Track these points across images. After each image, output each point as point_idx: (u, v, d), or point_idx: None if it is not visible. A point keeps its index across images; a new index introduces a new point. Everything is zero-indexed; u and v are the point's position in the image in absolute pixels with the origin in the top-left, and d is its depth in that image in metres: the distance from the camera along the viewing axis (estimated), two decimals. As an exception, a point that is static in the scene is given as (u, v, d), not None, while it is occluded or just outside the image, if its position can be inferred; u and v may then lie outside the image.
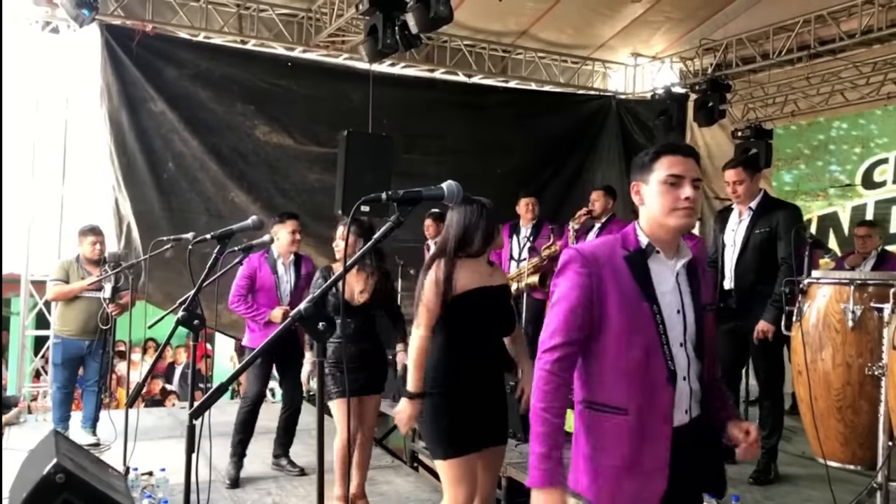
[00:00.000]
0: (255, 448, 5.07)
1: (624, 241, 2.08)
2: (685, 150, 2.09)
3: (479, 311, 2.93)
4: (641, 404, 1.99)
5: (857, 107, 7.85)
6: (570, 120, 9.36)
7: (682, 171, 2.03)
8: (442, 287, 2.90)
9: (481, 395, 2.92)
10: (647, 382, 1.99)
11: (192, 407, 1.85)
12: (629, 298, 2.00)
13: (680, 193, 2.01)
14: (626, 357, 1.99)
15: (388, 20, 6.23)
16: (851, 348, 3.26)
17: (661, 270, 2.06)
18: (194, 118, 7.39)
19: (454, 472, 2.85)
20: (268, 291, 4.90)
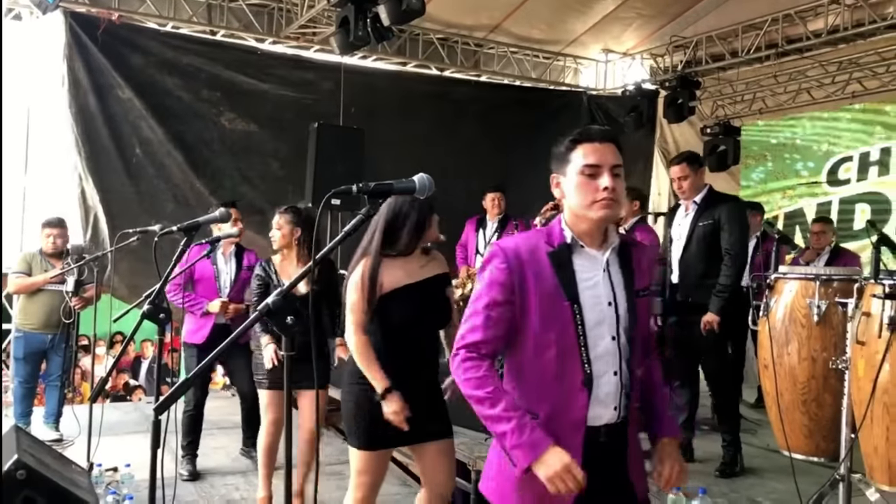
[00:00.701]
0: (222, 441, 5.03)
1: (549, 235, 1.98)
2: (601, 136, 1.96)
3: (407, 309, 2.86)
4: (553, 409, 1.90)
5: (823, 105, 7.98)
6: (541, 115, 9.37)
7: (599, 159, 1.91)
8: (367, 288, 2.83)
9: (413, 392, 2.85)
10: (560, 385, 1.90)
11: (157, 402, 1.82)
12: (548, 296, 1.90)
13: (598, 184, 1.90)
14: (541, 357, 1.91)
15: (359, 12, 6.18)
16: (816, 343, 3.31)
17: (588, 264, 1.96)
18: (160, 105, 7.29)
19: (362, 462, 2.90)
20: (206, 282, 4.81)
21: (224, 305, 4.68)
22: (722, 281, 4.19)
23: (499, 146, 8.99)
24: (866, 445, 3.02)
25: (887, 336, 2.87)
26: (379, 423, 2.83)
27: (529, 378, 1.94)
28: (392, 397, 2.79)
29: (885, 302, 2.88)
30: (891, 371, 2.88)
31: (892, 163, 7.20)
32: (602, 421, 1.94)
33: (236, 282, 4.88)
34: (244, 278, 4.87)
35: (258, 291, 4.00)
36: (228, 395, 6.77)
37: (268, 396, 4.03)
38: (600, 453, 1.93)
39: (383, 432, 2.85)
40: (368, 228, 2.93)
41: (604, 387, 1.93)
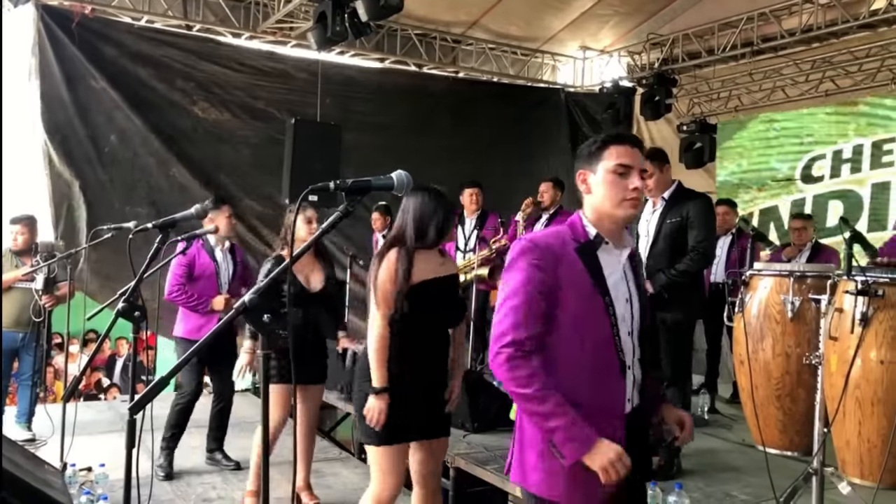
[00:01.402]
0: (198, 440, 4.98)
1: (573, 231, 2.05)
2: (633, 141, 2.07)
3: (432, 302, 2.89)
4: (595, 398, 1.97)
5: (797, 103, 8.06)
6: (519, 111, 9.40)
7: (631, 161, 2.01)
8: (400, 277, 2.84)
9: (425, 387, 2.90)
10: (600, 375, 1.98)
11: (132, 400, 1.80)
12: (583, 291, 1.97)
13: (628, 184, 1.99)
14: (580, 350, 1.97)
15: (337, 7, 6.15)
16: (790, 338, 3.35)
17: (610, 261, 2.04)
18: (135, 95, 7.29)
19: (384, 459, 2.86)
20: (208, 279, 4.76)
21: (227, 301, 4.65)
22: (680, 267, 4.11)
23: (477, 142, 9.01)
24: (839, 439, 3.07)
25: (859, 331, 2.92)
26: (396, 417, 2.84)
27: (567, 369, 1.98)
28: (383, 397, 2.80)
29: (857, 298, 2.93)
30: (862, 366, 2.93)
31: (863, 160, 7.30)
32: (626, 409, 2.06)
33: (234, 277, 4.86)
34: (240, 274, 4.85)
35: None
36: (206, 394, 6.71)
37: (274, 392, 3.98)
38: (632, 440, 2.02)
39: (401, 425, 2.86)
40: (397, 221, 2.98)
41: (628, 380, 2.04)
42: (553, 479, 2.00)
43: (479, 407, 4.86)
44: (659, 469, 4.16)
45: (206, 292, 4.74)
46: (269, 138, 7.81)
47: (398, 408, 2.83)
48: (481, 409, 4.85)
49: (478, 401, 4.84)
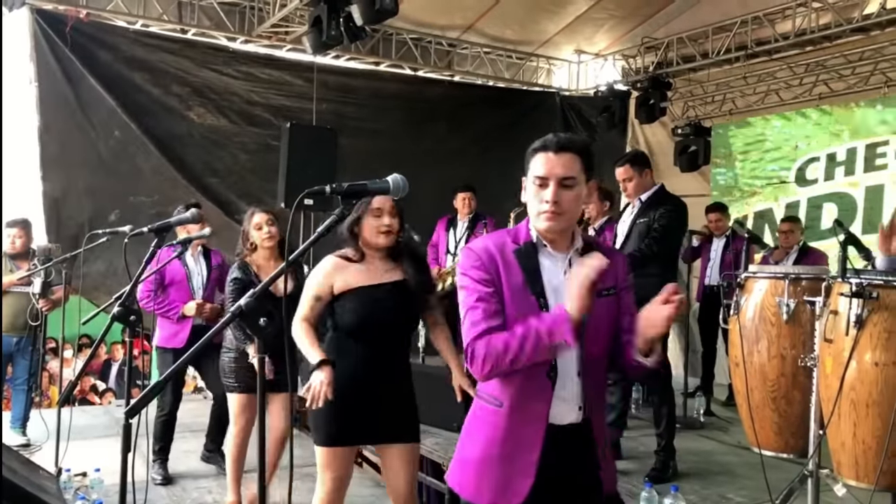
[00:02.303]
0: (193, 444, 4.97)
1: (515, 235, 2.04)
2: (557, 146, 1.96)
3: (364, 310, 2.86)
4: (518, 398, 1.96)
5: (791, 106, 8.08)
6: (515, 115, 9.41)
7: (547, 171, 1.94)
8: (319, 285, 2.89)
9: (371, 393, 2.86)
10: (525, 376, 1.94)
11: (128, 405, 1.80)
12: (517, 291, 1.96)
13: (543, 195, 1.94)
14: None
15: (332, 11, 6.16)
16: (786, 340, 3.36)
17: (552, 264, 2.00)
18: (130, 100, 7.27)
19: (325, 459, 2.93)
20: (179, 285, 4.73)
21: (200, 306, 4.62)
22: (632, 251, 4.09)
23: (472, 146, 9.02)
24: (834, 441, 3.07)
25: (854, 333, 2.92)
26: (340, 420, 2.85)
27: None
28: (324, 368, 2.75)
29: (851, 300, 2.93)
30: (857, 368, 2.94)
31: (857, 163, 7.32)
32: (566, 420, 1.98)
33: (208, 282, 4.82)
34: (214, 278, 4.81)
35: (234, 295, 3.91)
36: (200, 398, 6.70)
37: (238, 400, 3.98)
38: (564, 451, 1.97)
39: (345, 429, 2.88)
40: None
41: (568, 386, 1.97)
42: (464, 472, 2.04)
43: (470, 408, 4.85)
44: (653, 472, 4.17)
45: (178, 298, 4.71)
46: (265, 144, 7.80)
47: (337, 413, 2.82)
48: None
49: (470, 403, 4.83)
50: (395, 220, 2.91)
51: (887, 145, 7.06)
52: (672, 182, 8.45)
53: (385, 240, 2.89)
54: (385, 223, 2.88)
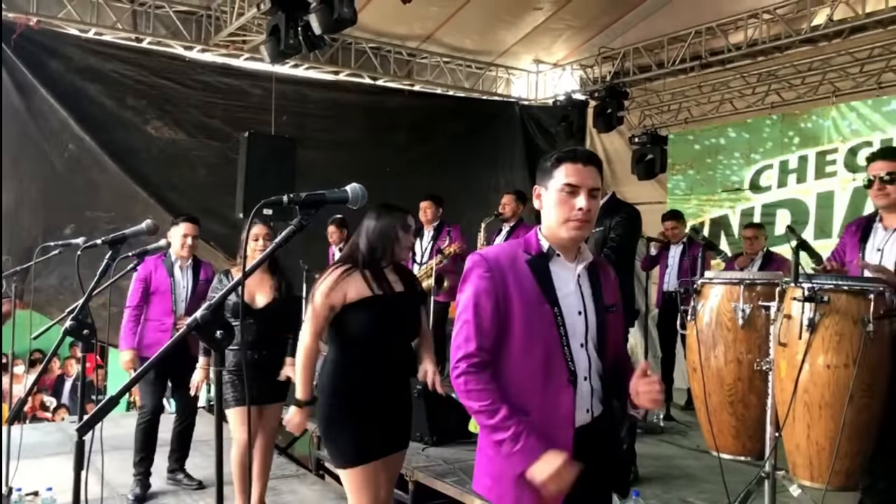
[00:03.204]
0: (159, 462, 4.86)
1: (526, 245, 2.08)
2: (585, 158, 2.05)
3: (373, 320, 2.87)
4: (543, 406, 2.00)
5: (744, 115, 8.27)
6: (475, 124, 9.46)
7: (579, 180, 2.01)
8: (332, 295, 2.86)
9: (381, 403, 2.89)
10: (548, 383, 2.00)
11: (81, 421, 1.75)
12: (531, 301, 2.00)
13: (574, 203, 2.00)
14: (528, 358, 2.00)
15: (290, 20, 6.12)
16: (742, 345, 3.40)
17: (563, 273, 2.07)
18: (84, 112, 7.13)
19: (356, 480, 2.83)
20: (162, 295, 4.69)
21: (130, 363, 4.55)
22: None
23: (433, 155, 9.04)
24: (789, 443, 3.12)
25: (807, 337, 2.98)
26: (362, 437, 2.82)
27: (517, 380, 2.01)
28: (304, 411, 2.87)
29: (804, 304, 2.99)
30: (810, 371, 2.99)
31: (808, 171, 7.51)
32: (579, 422, 2.05)
33: (193, 295, 4.76)
34: (201, 291, 4.76)
35: None
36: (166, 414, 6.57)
37: (237, 414, 3.91)
38: (584, 450, 2.02)
39: (369, 444, 2.85)
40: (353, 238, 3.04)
41: (580, 389, 2.05)
42: (502, 486, 2.02)
43: (438, 420, 4.85)
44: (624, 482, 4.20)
45: (160, 307, 4.66)
46: (224, 157, 7.66)
47: (358, 427, 2.82)
48: (440, 422, 4.85)
49: (436, 414, 4.83)
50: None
51: (836, 153, 7.26)
52: (630, 190, 8.61)
53: (408, 254, 3.00)
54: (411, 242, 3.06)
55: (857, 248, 3.36)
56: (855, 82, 7.26)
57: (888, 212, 3.31)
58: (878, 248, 3.29)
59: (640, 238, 4.83)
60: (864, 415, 2.97)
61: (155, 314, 4.66)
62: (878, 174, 3.27)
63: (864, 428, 2.99)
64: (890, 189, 3.23)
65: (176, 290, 4.73)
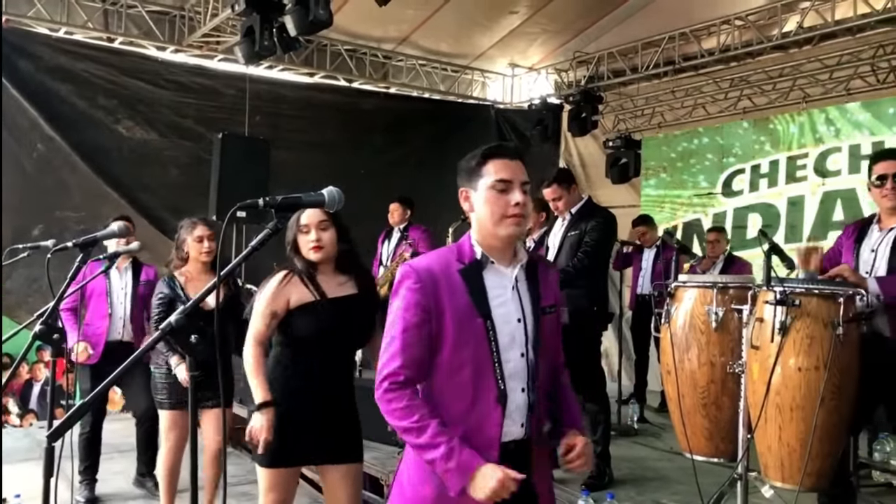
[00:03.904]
0: (121, 465, 4.81)
1: (459, 253, 1.97)
2: (512, 153, 1.97)
3: (319, 323, 2.79)
4: (469, 427, 1.89)
5: (717, 120, 8.36)
6: (450, 127, 9.46)
7: (510, 174, 1.92)
8: (272, 300, 2.81)
9: (316, 412, 2.81)
10: (475, 402, 1.90)
11: (50, 427, 1.72)
12: (462, 314, 1.89)
13: (509, 199, 1.91)
14: (456, 376, 1.90)
15: (265, 22, 6.08)
16: (715, 348, 3.44)
17: (498, 281, 1.96)
18: (54, 112, 7.04)
19: (268, 480, 2.84)
20: (98, 298, 4.61)
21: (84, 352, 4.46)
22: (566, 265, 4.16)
23: (408, 158, 9.04)
24: (761, 445, 3.16)
25: (778, 340, 3.02)
26: (283, 441, 2.77)
27: (444, 398, 1.92)
28: (265, 413, 2.74)
29: (776, 308, 3.03)
30: (782, 373, 3.03)
31: (779, 175, 7.61)
32: (510, 437, 1.94)
33: (134, 298, 4.67)
34: (142, 293, 4.66)
35: (161, 310, 3.82)
36: (128, 417, 6.48)
37: (169, 417, 3.88)
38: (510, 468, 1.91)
39: (288, 450, 2.80)
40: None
41: (513, 403, 1.93)
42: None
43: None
44: (590, 480, 4.21)
45: (96, 312, 4.58)
46: (196, 157, 7.63)
47: (281, 433, 2.76)
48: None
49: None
50: (326, 234, 2.84)
51: (806, 157, 7.37)
52: (604, 194, 8.66)
53: (316, 255, 2.84)
54: (313, 238, 2.83)
55: (853, 250, 3.37)
56: (824, 88, 7.37)
57: (889, 213, 3.30)
58: (872, 249, 3.30)
59: (615, 242, 4.86)
60: (834, 416, 3.01)
61: (90, 318, 4.58)
62: (889, 173, 3.22)
63: (834, 430, 3.03)
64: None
65: (112, 293, 4.65)
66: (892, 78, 6.88)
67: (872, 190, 3.33)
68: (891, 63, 6.84)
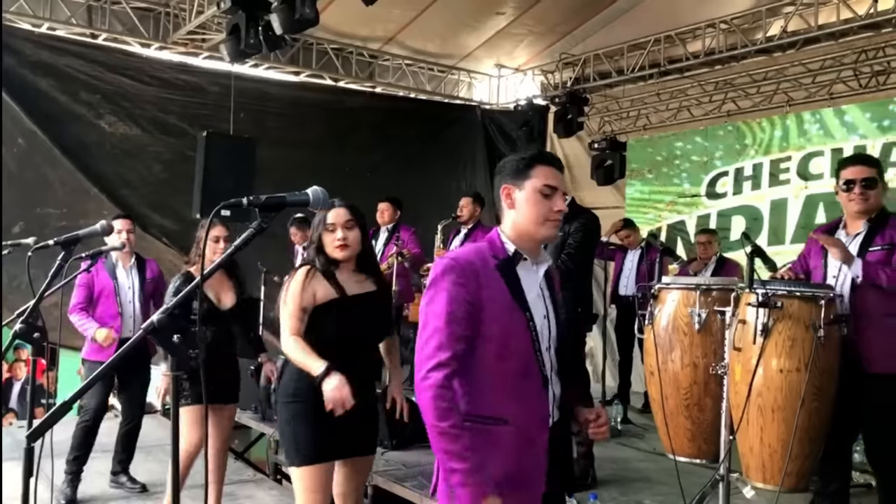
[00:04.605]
0: (104, 465, 4.76)
1: (492, 248, 2.06)
2: (559, 163, 2.12)
3: (341, 320, 2.84)
4: (521, 413, 1.99)
5: (701, 122, 8.41)
6: (436, 127, 9.47)
7: (557, 182, 2.06)
8: (301, 296, 2.83)
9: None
10: (524, 390, 2.00)
11: (30, 427, 1.70)
12: (504, 307, 1.99)
13: (553, 205, 2.04)
14: (505, 366, 1.98)
15: (251, 20, 6.05)
16: (698, 349, 3.46)
17: (528, 277, 2.07)
18: (35, 107, 6.96)
19: (306, 480, 2.80)
20: (107, 298, 4.58)
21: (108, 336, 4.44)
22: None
23: (394, 157, 9.02)
24: (743, 446, 3.18)
25: (761, 342, 3.05)
26: (320, 436, 2.78)
27: (492, 387, 1.99)
28: (334, 374, 2.69)
29: (758, 310, 3.05)
30: (764, 375, 3.06)
31: (763, 178, 7.67)
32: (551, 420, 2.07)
33: (142, 295, 4.65)
34: (149, 290, 4.65)
35: None
36: (111, 417, 6.43)
37: (189, 413, 3.84)
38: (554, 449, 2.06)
39: (326, 444, 2.80)
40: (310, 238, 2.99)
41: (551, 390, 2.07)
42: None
43: (397, 424, 4.82)
44: (574, 481, 4.22)
45: (106, 311, 4.55)
46: (180, 154, 7.58)
47: (316, 427, 2.78)
48: (399, 425, 4.81)
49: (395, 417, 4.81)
50: (352, 233, 2.88)
51: (789, 161, 7.43)
52: (589, 195, 8.69)
53: (341, 253, 2.86)
54: (339, 237, 2.85)
55: (821, 254, 3.40)
56: (808, 92, 7.44)
57: (856, 218, 3.34)
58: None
59: (598, 243, 4.88)
60: (815, 418, 3.04)
61: (100, 318, 4.55)
62: (857, 178, 3.26)
63: (815, 430, 3.06)
64: (870, 194, 3.25)
65: (120, 292, 4.63)
66: (874, 82, 6.95)
67: (840, 194, 3.38)
68: (873, 68, 6.91)
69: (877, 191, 3.26)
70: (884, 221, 3.27)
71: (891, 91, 6.81)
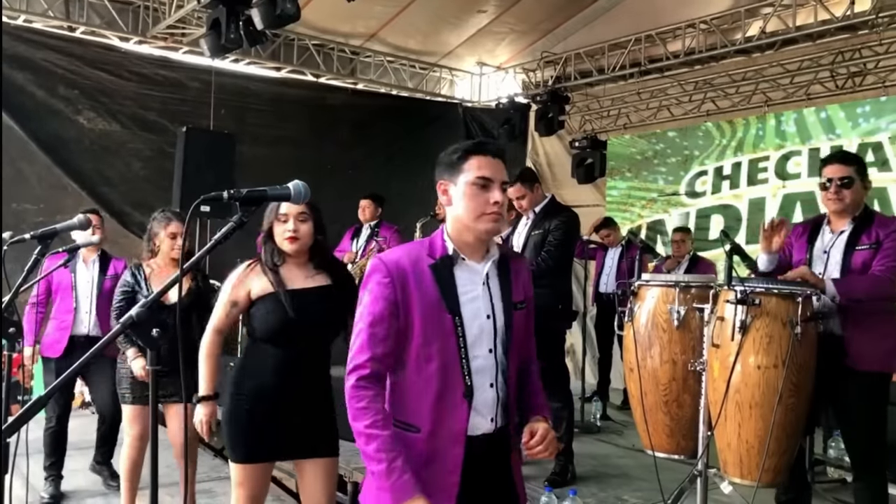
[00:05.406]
0: (81, 463, 4.72)
1: (430, 247, 1.98)
2: (494, 151, 1.98)
3: (277, 315, 2.75)
4: (435, 421, 1.90)
5: (681, 122, 8.47)
6: (418, 125, 9.45)
7: (492, 173, 1.94)
8: (234, 290, 2.81)
9: (287, 405, 2.76)
10: (442, 399, 1.90)
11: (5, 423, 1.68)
12: (431, 309, 1.90)
13: (489, 197, 1.92)
14: (423, 370, 1.91)
15: (231, 15, 6.01)
16: (677, 346, 3.48)
17: (469, 277, 1.97)
18: (11, 101, 6.85)
19: (241, 475, 2.80)
20: (64, 292, 4.54)
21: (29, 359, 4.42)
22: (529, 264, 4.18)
23: (375, 154, 9.00)
24: (721, 442, 3.21)
25: (739, 339, 3.07)
26: (256, 436, 2.75)
27: (411, 392, 1.93)
28: (206, 405, 2.79)
29: (736, 307, 3.08)
30: (742, 371, 3.08)
31: (741, 177, 7.74)
32: (480, 431, 1.95)
33: (100, 291, 4.59)
34: (108, 287, 4.59)
35: (122, 300, 3.75)
36: (88, 413, 6.37)
37: (132, 411, 3.81)
38: (480, 463, 1.94)
39: (261, 445, 2.77)
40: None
41: (481, 398, 1.94)
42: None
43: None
44: (553, 477, 4.24)
45: (62, 306, 4.50)
46: (160, 150, 7.53)
47: (252, 426, 2.75)
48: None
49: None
50: (304, 226, 2.81)
51: (768, 160, 7.50)
52: (569, 193, 8.73)
53: (290, 246, 2.80)
54: (290, 228, 2.79)
55: (805, 250, 3.42)
56: (786, 93, 7.51)
57: (838, 216, 3.36)
58: (824, 251, 3.35)
59: (577, 240, 4.90)
60: (791, 414, 3.07)
61: (56, 312, 4.51)
62: (834, 177, 3.29)
63: (791, 427, 3.10)
64: (845, 193, 3.27)
65: (78, 287, 4.57)
66: (850, 83, 7.04)
67: (821, 192, 3.41)
68: (849, 69, 6.99)
69: (854, 190, 3.29)
70: (869, 220, 3.30)
71: (867, 92, 6.90)
